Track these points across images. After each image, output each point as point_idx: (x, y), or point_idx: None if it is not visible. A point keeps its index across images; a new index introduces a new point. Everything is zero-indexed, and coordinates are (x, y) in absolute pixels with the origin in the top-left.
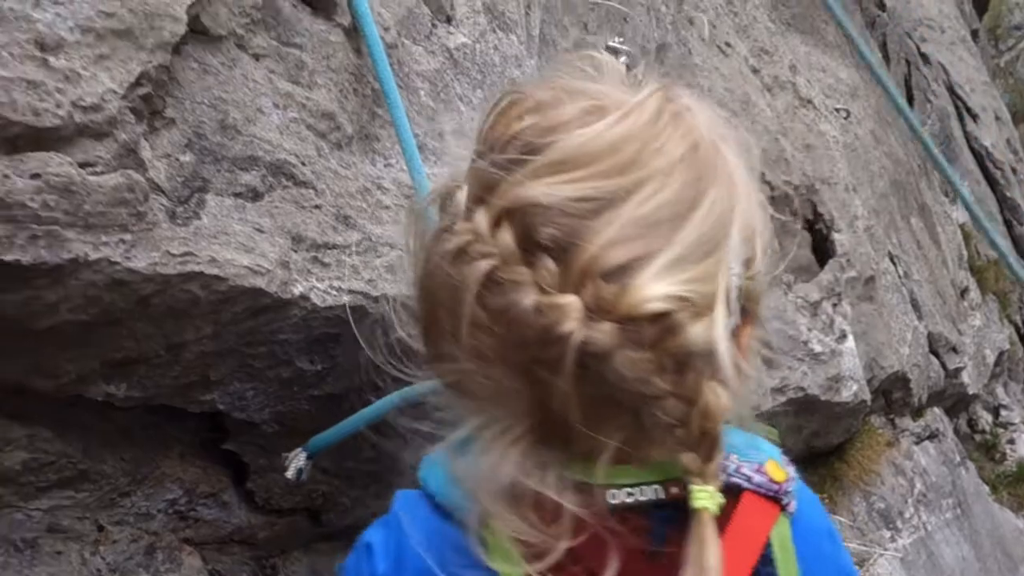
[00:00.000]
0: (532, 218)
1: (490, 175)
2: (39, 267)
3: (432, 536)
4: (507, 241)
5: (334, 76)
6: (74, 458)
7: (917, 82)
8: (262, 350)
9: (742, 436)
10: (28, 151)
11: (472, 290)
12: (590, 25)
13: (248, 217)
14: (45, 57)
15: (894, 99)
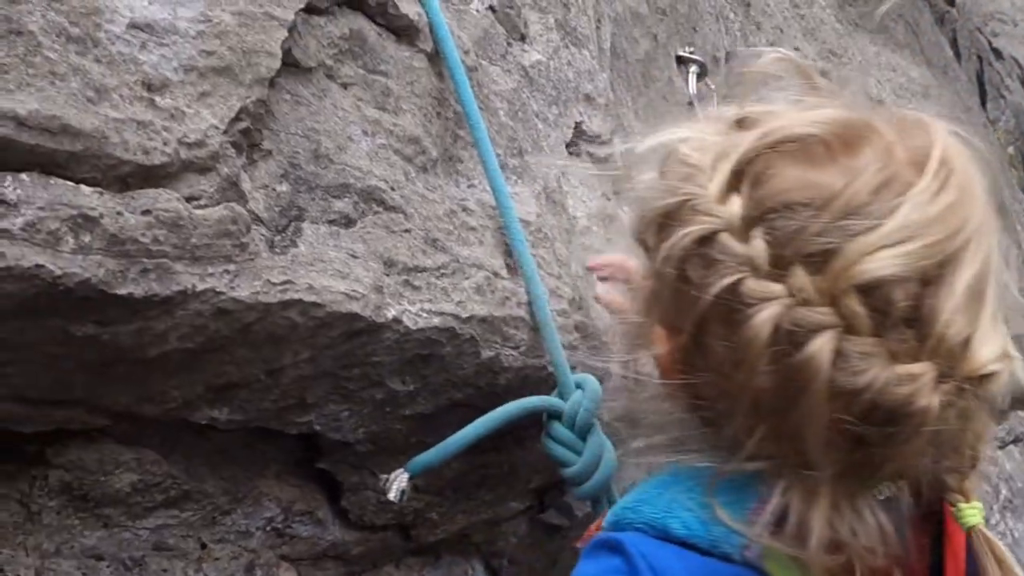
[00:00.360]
0: (884, 289)
1: (819, 242)
2: (150, 299)
3: (696, 571)
4: (860, 312)
5: (418, 101)
6: (178, 479)
7: (990, 78)
8: (356, 372)
9: None
10: (138, 188)
11: (825, 367)
12: (660, 36)
13: (342, 243)
14: (152, 97)
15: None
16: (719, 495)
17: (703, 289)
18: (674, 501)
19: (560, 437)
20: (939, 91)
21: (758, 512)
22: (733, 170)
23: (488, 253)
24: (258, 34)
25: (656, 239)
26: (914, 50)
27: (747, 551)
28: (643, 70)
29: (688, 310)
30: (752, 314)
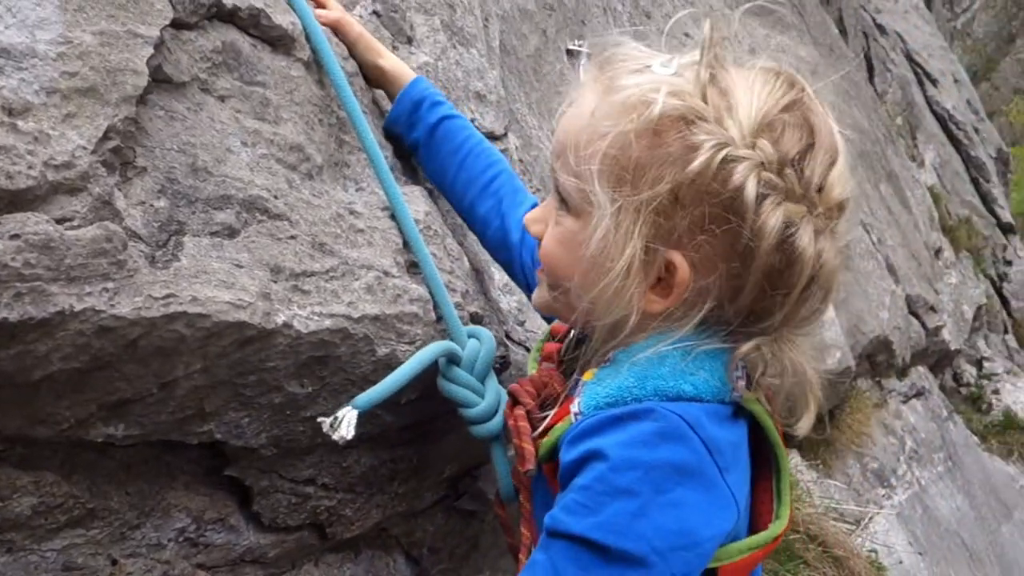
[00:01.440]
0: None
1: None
2: (27, 323)
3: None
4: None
5: (299, 109)
6: (81, 498)
7: (876, 52)
8: (252, 379)
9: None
10: (5, 213)
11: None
12: (549, 31)
13: (226, 254)
14: (13, 121)
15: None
16: (707, 363)
17: (764, 225)
18: (677, 372)
19: (460, 380)
20: (827, 68)
21: (733, 369)
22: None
23: (378, 253)
24: (122, 52)
25: (697, 188)
26: (801, 30)
27: (735, 393)
28: (534, 65)
29: (740, 240)
30: (796, 232)
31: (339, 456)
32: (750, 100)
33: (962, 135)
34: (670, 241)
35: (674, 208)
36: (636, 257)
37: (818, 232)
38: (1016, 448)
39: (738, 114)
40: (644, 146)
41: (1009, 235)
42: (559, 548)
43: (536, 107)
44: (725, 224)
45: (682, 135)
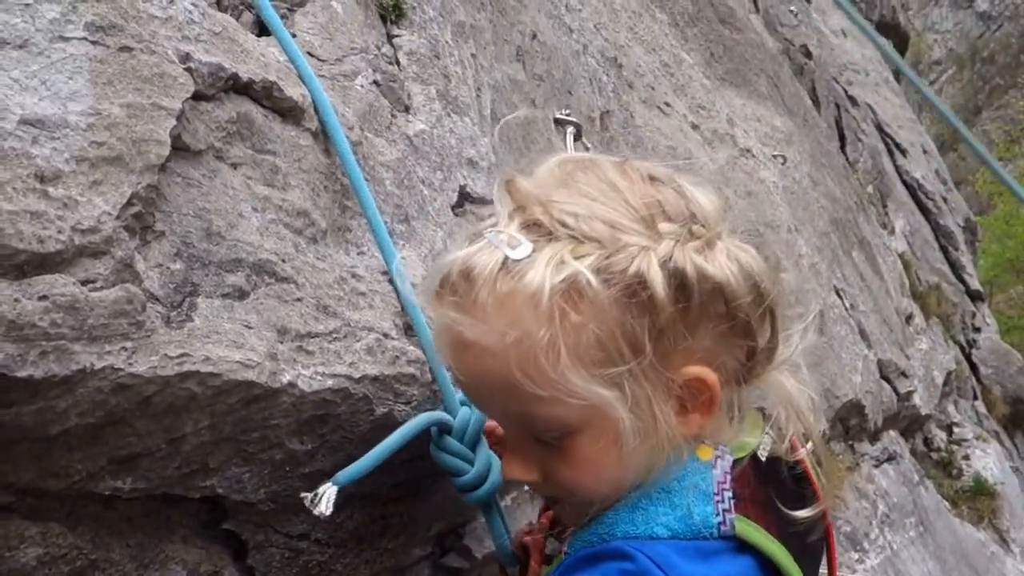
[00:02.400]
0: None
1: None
2: (50, 380)
3: (685, 551)
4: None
5: (306, 176)
6: (84, 549)
7: (847, 123)
8: (256, 436)
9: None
10: (34, 275)
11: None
12: (537, 100)
13: (236, 315)
14: (45, 188)
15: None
16: (685, 494)
17: (727, 286)
18: (648, 515)
19: (451, 448)
20: (801, 138)
21: (719, 492)
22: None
23: (378, 316)
24: (147, 124)
25: (669, 308)
26: (776, 101)
27: (722, 526)
28: (523, 133)
29: (717, 315)
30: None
31: (333, 512)
32: (616, 206)
33: (931, 204)
34: (676, 366)
35: (663, 337)
36: (661, 411)
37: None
38: (987, 514)
39: (623, 225)
40: (584, 324)
41: (977, 302)
42: None
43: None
44: (704, 311)
45: (606, 284)
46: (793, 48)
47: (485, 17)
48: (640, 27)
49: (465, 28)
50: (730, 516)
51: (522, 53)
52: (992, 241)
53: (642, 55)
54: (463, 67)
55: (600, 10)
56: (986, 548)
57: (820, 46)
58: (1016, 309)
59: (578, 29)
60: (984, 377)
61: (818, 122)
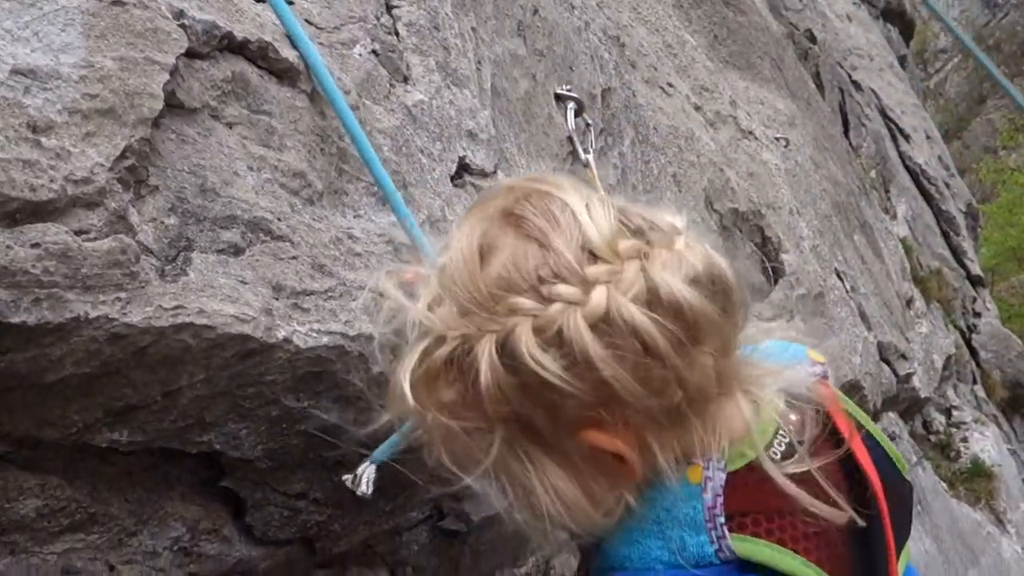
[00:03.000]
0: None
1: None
2: (43, 327)
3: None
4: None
5: (302, 138)
6: (83, 503)
7: (851, 108)
8: (251, 391)
9: None
10: (27, 223)
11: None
12: (538, 76)
13: (231, 271)
14: (37, 138)
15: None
16: (676, 526)
17: (585, 351)
18: (642, 549)
19: None
20: (804, 121)
21: (711, 520)
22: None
23: (373, 276)
24: (140, 77)
25: (513, 395)
26: (780, 84)
27: (720, 553)
28: (524, 107)
29: (587, 385)
30: (611, 315)
31: (330, 472)
32: (464, 288)
33: (933, 190)
34: (562, 435)
35: (525, 420)
36: (555, 478)
37: (632, 283)
38: (983, 495)
39: (470, 310)
40: (451, 416)
41: (978, 288)
42: None
43: (525, 147)
44: (561, 389)
45: (459, 376)
46: (797, 32)
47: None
48: (643, 7)
49: (465, 1)
50: (726, 542)
51: (523, 28)
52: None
53: (645, 35)
54: (463, 40)
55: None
56: (982, 528)
57: (825, 30)
58: (1018, 297)
59: (580, 6)
60: (984, 361)
61: (821, 106)
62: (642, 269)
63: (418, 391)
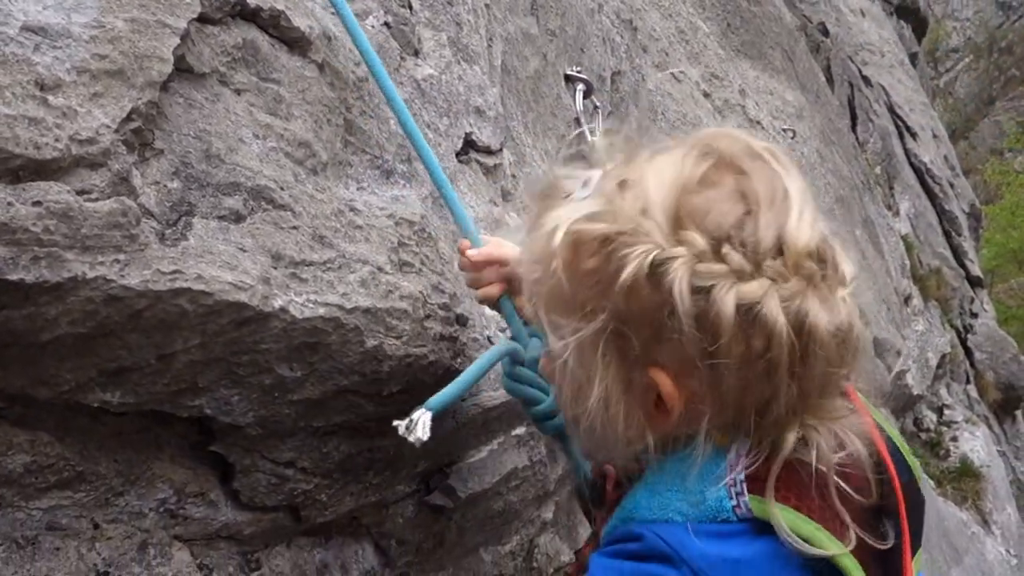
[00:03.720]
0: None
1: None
2: (41, 285)
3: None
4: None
5: (309, 108)
6: (72, 460)
7: (860, 102)
8: (245, 359)
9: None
10: (29, 181)
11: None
12: (549, 56)
13: (231, 238)
14: (45, 96)
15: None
16: (698, 480)
17: (719, 317)
18: (663, 501)
19: (525, 378)
20: (812, 113)
21: (731, 476)
22: (671, 217)
23: (374, 250)
24: (150, 40)
25: (637, 304)
26: (790, 76)
27: (737, 509)
28: (533, 86)
29: (701, 341)
30: (760, 309)
31: (320, 441)
32: (662, 195)
33: (937, 189)
34: (643, 360)
35: (627, 330)
36: (614, 386)
37: (791, 297)
38: (970, 495)
39: (654, 214)
40: (573, 278)
41: (977, 288)
42: None
43: (532, 127)
44: (680, 329)
45: (605, 257)
46: (811, 25)
47: None
48: None
49: None
50: (743, 499)
51: (536, 7)
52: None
53: (658, 20)
54: (476, 16)
55: None
56: (967, 528)
57: (838, 24)
58: (1016, 299)
59: None
60: (978, 362)
61: (830, 100)
62: (805, 292)
63: (565, 241)
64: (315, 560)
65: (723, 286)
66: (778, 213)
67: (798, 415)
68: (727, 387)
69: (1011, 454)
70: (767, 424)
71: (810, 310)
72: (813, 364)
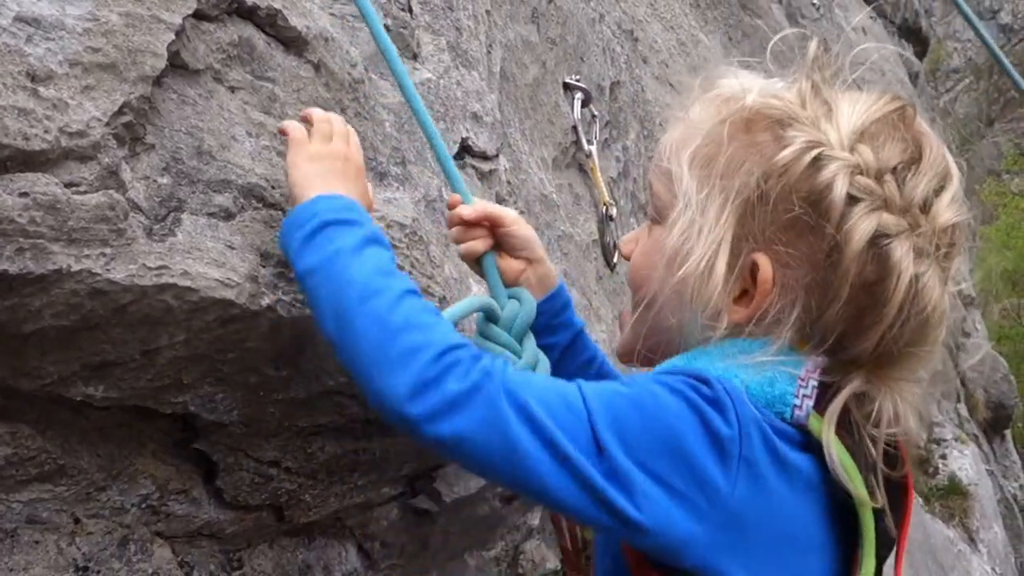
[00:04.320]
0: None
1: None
2: (25, 276)
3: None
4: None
5: (304, 108)
6: (53, 454)
7: None
8: (231, 356)
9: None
10: (17, 172)
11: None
12: (548, 63)
13: (220, 235)
14: (35, 87)
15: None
16: (773, 367)
17: (853, 230)
18: (730, 365)
19: (497, 338)
20: None
21: (805, 379)
22: (855, 130)
23: None
24: (144, 35)
25: (785, 183)
26: None
27: (797, 410)
28: (531, 94)
29: (825, 244)
30: (890, 244)
31: (304, 442)
32: (852, 109)
33: None
34: (756, 241)
35: (761, 204)
36: (721, 249)
37: (919, 253)
38: (958, 513)
39: (838, 120)
40: (735, 139)
41: (969, 307)
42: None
43: (529, 134)
44: (812, 224)
45: (775, 134)
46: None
47: None
48: (660, 3)
49: None
50: (809, 402)
51: (537, 15)
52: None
53: (659, 31)
54: (476, 22)
55: None
56: (954, 546)
57: (839, 42)
58: (1009, 320)
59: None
60: (969, 381)
61: None
62: (932, 257)
63: (745, 107)
64: (298, 560)
65: (869, 204)
66: (939, 180)
67: (869, 369)
68: (821, 299)
69: (999, 473)
70: (844, 357)
71: (927, 274)
72: (908, 320)
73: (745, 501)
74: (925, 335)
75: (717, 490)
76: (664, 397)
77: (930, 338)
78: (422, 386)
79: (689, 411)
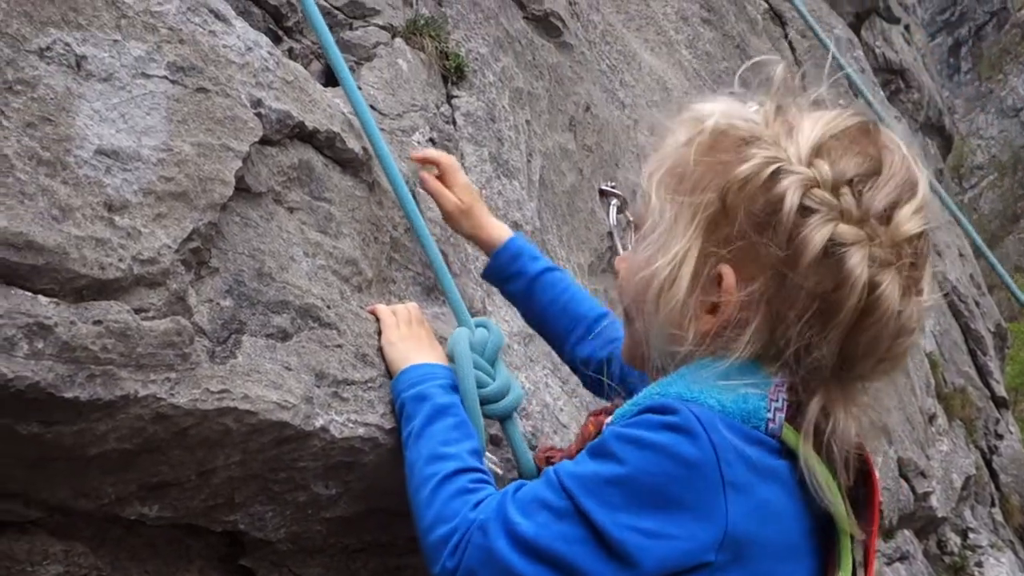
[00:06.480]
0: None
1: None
2: (94, 403)
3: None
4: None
5: (358, 226)
6: (104, 571)
7: None
8: (283, 476)
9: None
10: (92, 300)
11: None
12: (585, 170)
13: (278, 356)
14: (112, 217)
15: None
16: (743, 386)
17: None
18: (705, 388)
19: (473, 362)
20: None
21: (774, 394)
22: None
23: None
24: (214, 164)
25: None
26: None
27: (771, 423)
28: (568, 200)
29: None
30: (845, 253)
31: (349, 558)
32: (812, 126)
33: (963, 307)
34: (720, 254)
35: (724, 217)
36: (686, 259)
37: (878, 262)
38: None
39: (798, 137)
40: (701, 158)
41: (1002, 409)
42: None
43: (566, 240)
44: (769, 236)
45: (739, 152)
46: None
47: (543, 86)
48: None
49: (522, 95)
50: (780, 415)
51: (575, 123)
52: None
53: None
54: (517, 132)
55: (653, 87)
56: None
57: None
58: None
59: (631, 105)
60: (1003, 485)
61: None
62: (890, 268)
63: (711, 128)
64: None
65: (825, 215)
66: (900, 192)
67: (831, 382)
68: (780, 309)
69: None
70: (803, 370)
71: (886, 282)
72: (864, 330)
73: (740, 524)
74: (885, 344)
75: (712, 522)
76: (630, 456)
77: (891, 350)
78: (448, 573)
79: (657, 458)
